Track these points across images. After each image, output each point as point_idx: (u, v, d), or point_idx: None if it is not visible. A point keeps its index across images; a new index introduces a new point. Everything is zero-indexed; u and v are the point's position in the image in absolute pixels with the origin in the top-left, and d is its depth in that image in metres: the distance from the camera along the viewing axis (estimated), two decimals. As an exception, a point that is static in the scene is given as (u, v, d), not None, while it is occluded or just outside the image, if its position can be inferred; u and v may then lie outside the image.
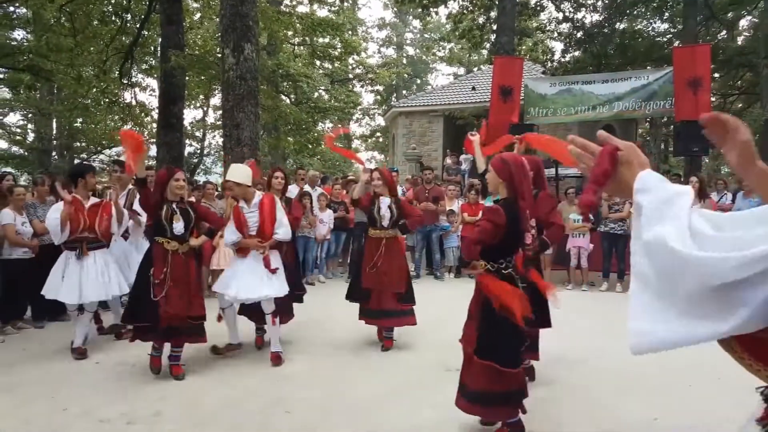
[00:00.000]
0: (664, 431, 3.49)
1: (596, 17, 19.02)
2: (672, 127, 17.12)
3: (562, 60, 19.46)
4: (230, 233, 4.72)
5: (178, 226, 4.39)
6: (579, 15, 19.00)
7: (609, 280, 8.68)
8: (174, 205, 4.44)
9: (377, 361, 4.88)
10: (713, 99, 15.54)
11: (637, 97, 12.34)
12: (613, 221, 8.54)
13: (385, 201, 5.22)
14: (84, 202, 5.10)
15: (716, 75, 17.42)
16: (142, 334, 4.33)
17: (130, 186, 5.82)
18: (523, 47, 22.74)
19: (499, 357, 3.12)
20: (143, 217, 5.44)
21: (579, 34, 18.54)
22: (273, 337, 4.85)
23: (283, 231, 4.78)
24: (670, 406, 3.88)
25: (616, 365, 4.80)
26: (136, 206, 5.40)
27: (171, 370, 4.39)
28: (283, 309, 4.95)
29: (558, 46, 21.38)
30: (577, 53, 18.97)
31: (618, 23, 19.06)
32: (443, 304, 6.76)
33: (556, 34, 20.41)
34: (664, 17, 19.68)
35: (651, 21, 20.39)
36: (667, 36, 19.40)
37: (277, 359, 4.76)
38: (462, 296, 7.25)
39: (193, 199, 6.67)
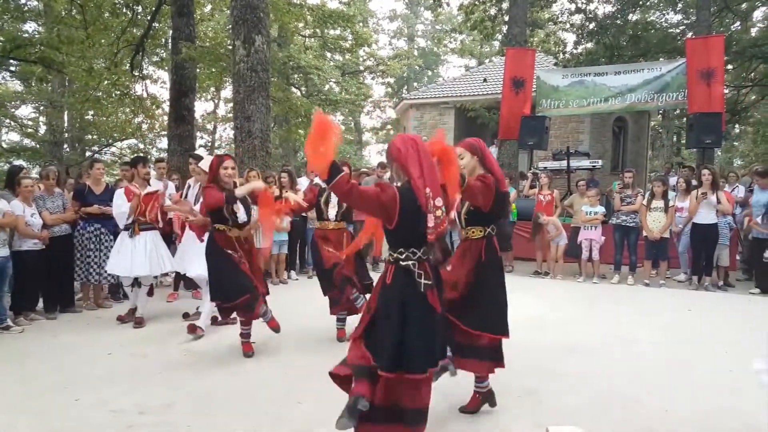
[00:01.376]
0: (676, 422, 3.47)
1: (609, 8, 18.79)
2: (685, 119, 16.94)
3: (575, 51, 19.27)
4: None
5: (241, 215, 4.63)
6: (591, 6, 18.78)
7: (620, 272, 8.64)
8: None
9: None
10: (726, 91, 15.32)
11: (649, 88, 12.21)
12: (625, 213, 8.48)
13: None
14: (140, 189, 5.85)
15: (729, 66, 17.14)
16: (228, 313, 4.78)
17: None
18: (535, 39, 22.53)
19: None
20: None
21: (591, 26, 18.34)
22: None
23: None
24: (682, 398, 3.86)
25: (628, 357, 4.79)
26: None
27: (243, 347, 4.74)
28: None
29: (570, 38, 21.17)
30: (589, 45, 18.78)
31: (631, 14, 18.84)
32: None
33: (568, 26, 20.19)
34: (677, 8, 19.41)
35: (664, 12, 20.12)
36: (680, 27, 19.15)
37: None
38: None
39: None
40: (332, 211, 5.03)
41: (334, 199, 5.00)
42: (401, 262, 2.71)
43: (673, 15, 20.06)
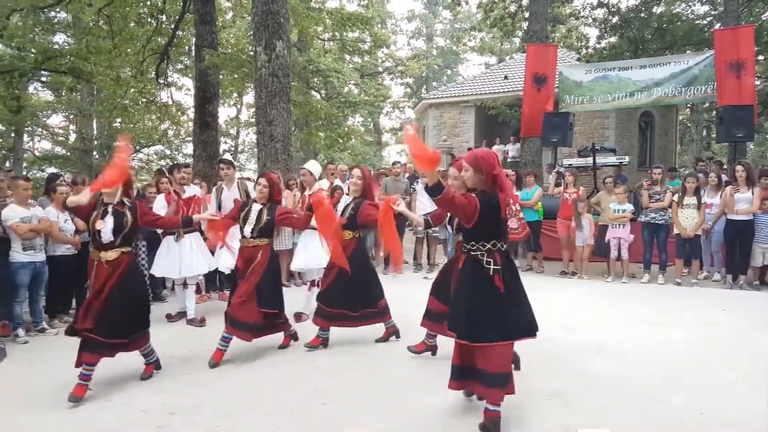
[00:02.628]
0: (711, 427, 3.38)
1: (632, 1, 18.52)
2: (714, 112, 16.59)
3: (598, 46, 19.03)
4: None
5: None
6: (614, 0, 18.52)
7: (650, 271, 8.47)
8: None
9: (408, 354, 4.82)
10: (757, 83, 14.92)
11: (676, 82, 11.96)
12: (655, 211, 8.32)
13: (344, 200, 5.16)
14: (180, 193, 6.27)
15: (760, 57, 16.72)
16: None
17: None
18: (557, 34, 22.28)
19: None
20: None
21: (614, 20, 18.05)
22: None
23: None
24: (717, 400, 3.76)
25: (660, 358, 4.70)
26: None
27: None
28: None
29: (593, 32, 20.90)
30: (612, 39, 18.50)
31: (655, 7, 18.51)
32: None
33: (590, 20, 19.94)
34: (704, -1, 19.05)
35: (690, 3, 19.74)
36: (708, 18, 18.74)
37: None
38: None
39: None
40: (248, 228, 4.73)
41: (253, 214, 4.75)
42: (472, 253, 3.34)
43: (699, 6, 19.66)
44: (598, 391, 3.95)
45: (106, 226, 3.96)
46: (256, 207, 4.82)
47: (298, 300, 6.27)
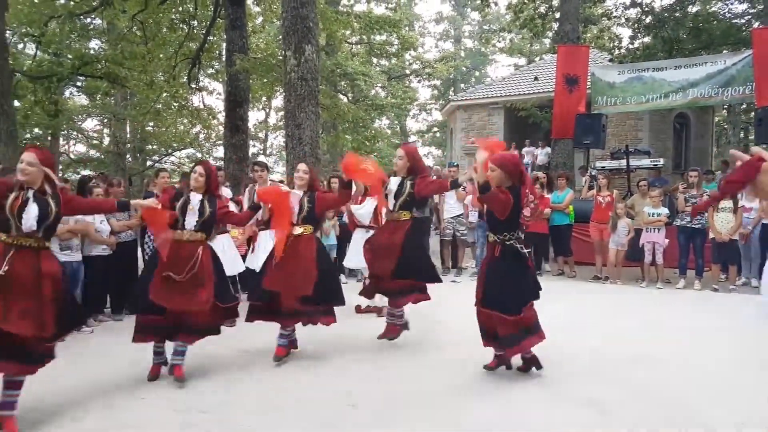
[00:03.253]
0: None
1: (666, 1, 18.11)
2: (752, 113, 16.10)
3: (631, 47, 18.65)
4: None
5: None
6: (648, 0, 18.15)
7: (686, 277, 8.25)
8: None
9: (440, 357, 4.83)
10: (799, 82, 14.45)
11: (713, 83, 11.64)
12: (690, 215, 8.10)
13: (295, 195, 4.78)
14: None
15: (802, 56, 16.17)
16: None
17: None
18: (588, 35, 21.95)
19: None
20: None
21: (648, 19, 17.68)
22: None
23: None
24: (756, 413, 3.62)
25: (696, 366, 4.56)
26: None
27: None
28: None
29: (626, 33, 20.50)
30: (646, 39, 18.12)
31: (690, 6, 18.08)
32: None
33: (623, 20, 19.56)
34: (742, -2, 18.51)
35: (727, 2, 19.21)
36: (746, 17, 18.20)
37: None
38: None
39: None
40: (190, 220, 4.23)
41: (194, 205, 4.26)
42: (507, 242, 4.09)
43: (737, 5, 19.11)
44: (634, 399, 3.85)
45: (29, 212, 3.34)
46: (195, 197, 4.32)
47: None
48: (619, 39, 20.15)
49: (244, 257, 6.73)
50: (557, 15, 17.04)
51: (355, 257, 6.40)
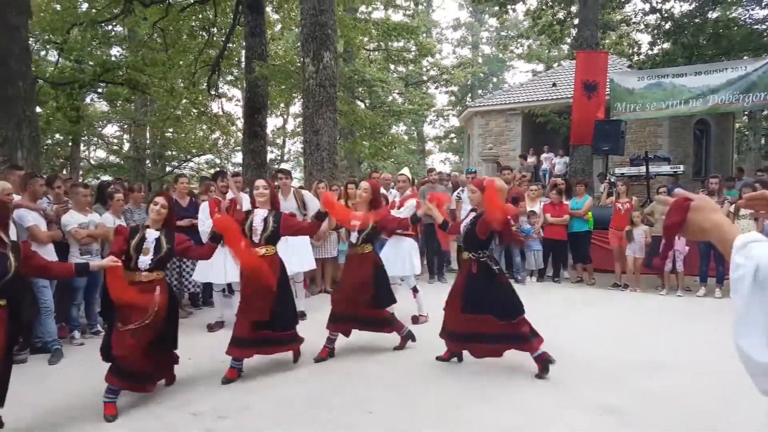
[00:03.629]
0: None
1: (686, 6, 17.89)
2: (775, 119, 15.88)
3: (650, 53, 18.47)
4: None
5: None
6: (667, 5, 17.95)
7: (707, 285, 8.12)
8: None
9: (457, 364, 4.81)
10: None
11: (734, 89, 11.51)
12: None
13: (260, 213, 4.59)
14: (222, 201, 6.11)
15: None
16: None
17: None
18: (607, 41, 21.80)
19: None
20: None
21: (668, 25, 17.50)
22: None
23: None
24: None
25: (718, 375, 4.46)
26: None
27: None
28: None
29: (645, 39, 20.36)
30: (666, 45, 17.94)
31: (710, 12, 17.86)
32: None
33: (642, 26, 19.39)
34: (763, 3, 18.23)
35: (748, 8, 18.94)
36: (767, 23, 17.95)
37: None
38: (545, 301, 7.08)
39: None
40: (144, 260, 3.86)
41: (149, 243, 3.90)
42: (481, 259, 4.50)
43: (758, 10, 18.84)
44: (654, 408, 3.80)
45: None
46: (152, 234, 3.95)
47: (409, 304, 6.33)
48: (638, 45, 19.97)
49: None
50: (576, 21, 16.96)
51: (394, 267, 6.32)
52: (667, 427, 3.49)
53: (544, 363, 4.38)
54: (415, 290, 6.33)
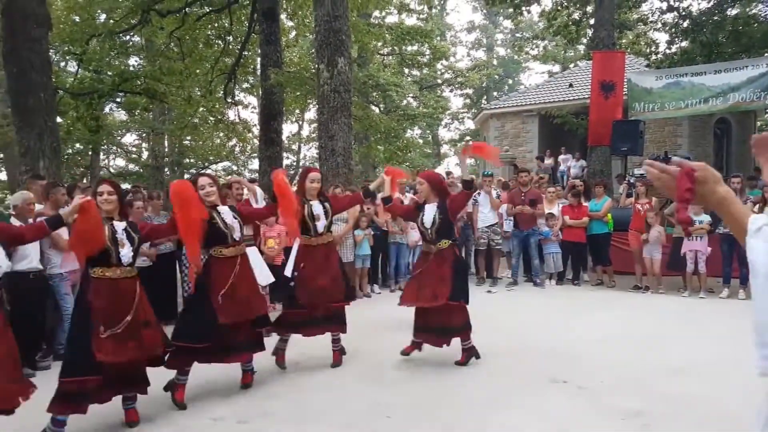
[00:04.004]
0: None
1: (704, 4, 17.66)
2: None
3: (668, 52, 18.25)
4: None
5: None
6: (685, 3, 17.73)
7: (730, 286, 7.97)
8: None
9: (476, 368, 4.77)
10: None
11: (755, 87, 11.34)
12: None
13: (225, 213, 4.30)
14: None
15: None
16: None
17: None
18: (624, 40, 21.59)
19: None
20: None
21: (686, 24, 17.27)
22: None
23: None
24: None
25: (743, 379, 4.35)
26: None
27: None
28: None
29: (662, 38, 20.10)
30: (684, 44, 17.72)
31: (729, 9, 17.60)
32: (542, 312, 6.52)
33: (659, 25, 19.17)
34: (784, -1, 17.93)
35: (768, 5, 18.63)
36: (789, 20, 17.63)
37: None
38: (563, 304, 7.00)
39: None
40: (126, 253, 3.63)
41: (121, 236, 3.62)
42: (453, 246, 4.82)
43: (779, 7, 18.52)
44: (677, 412, 3.73)
45: None
46: (119, 226, 3.68)
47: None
48: (655, 44, 19.74)
49: (281, 267, 6.79)
50: (592, 21, 16.83)
51: None
52: (693, 432, 3.43)
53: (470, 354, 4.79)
54: None
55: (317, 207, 4.74)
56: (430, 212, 4.79)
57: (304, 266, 4.67)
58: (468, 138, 36.94)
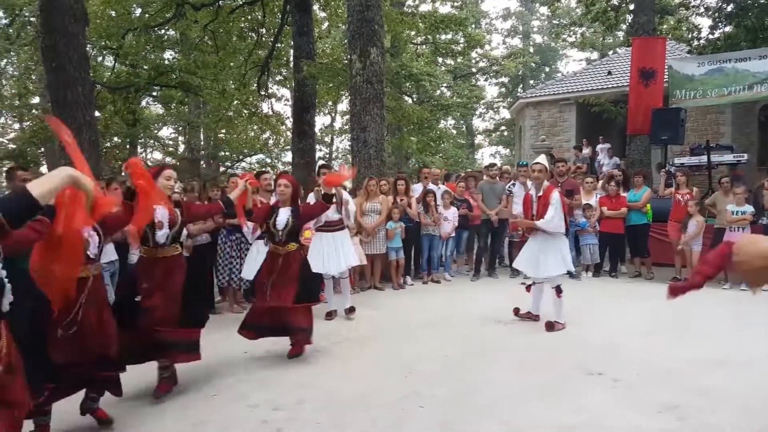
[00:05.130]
0: None
1: (749, -13, 16.96)
2: None
3: (711, 37, 17.61)
4: None
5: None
6: (729, -13, 17.05)
7: (775, 278, 7.69)
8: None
9: (510, 360, 4.74)
10: None
11: (801, 72, 10.87)
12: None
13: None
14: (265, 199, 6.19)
15: None
16: None
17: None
18: (665, 26, 20.93)
19: None
20: None
21: (729, 8, 16.62)
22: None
23: None
24: None
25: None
26: None
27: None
28: None
29: (705, 23, 19.38)
30: (728, 28, 17.07)
31: (776, -8, 16.87)
32: (578, 304, 6.42)
33: (702, 10, 18.51)
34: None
35: (819, -15, 17.77)
36: (839, 1, 16.78)
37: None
38: (599, 296, 6.87)
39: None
40: (94, 248, 3.34)
41: (92, 238, 3.32)
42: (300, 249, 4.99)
43: (831, -13, 17.65)
44: (717, 406, 3.63)
45: None
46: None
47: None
48: (698, 29, 19.07)
49: None
50: (631, 6, 16.35)
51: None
52: (728, 426, 3.34)
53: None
54: (558, 291, 5.79)
55: (160, 212, 3.98)
56: (284, 215, 4.82)
57: (142, 282, 3.95)
58: (503, 128, 36.48)
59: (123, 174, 20.56)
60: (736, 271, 1.15)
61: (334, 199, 5.38)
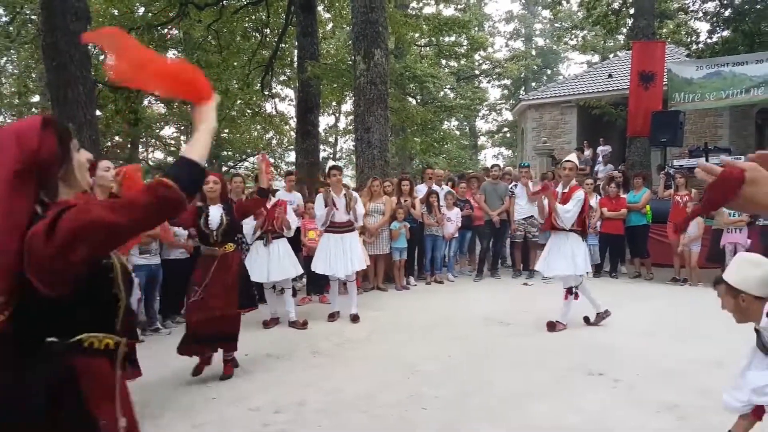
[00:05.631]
0: None
1: (746, -8, 17.04)
2: None
3: (709, 41, 17.72)
4: None
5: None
6: (727, -8, 17.14)
7: (773, 280, 7.77)
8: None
9: (512, 360, 4.80)
10: None
11: (798, 76, 10.98)
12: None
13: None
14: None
15: None
16: None
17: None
18: (664, 30, 21.03)
19: None
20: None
21: (727, 12, 16.71)
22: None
23: None
24: None
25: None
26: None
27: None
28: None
29: (703, 27, 19.52)
30: (725, 33, 17.17)
31: (773, -3, 16.95)
32: (579, 305, 6.49)
33: (700, 14, 18.61)
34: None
35: (814, -9, 17.84)
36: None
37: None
38: (600, 296, 6.94)
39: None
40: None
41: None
42: (237, 250, 4.71)
43: (827, -7, 17.73)
44: (714, 406, 3.69)
45: None
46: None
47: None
48: (696, 33, 19.19)
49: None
50: (631, 11, 16.46)
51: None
52: (728, 427, 3.41)
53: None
54: (569, 291, 5.80)
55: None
56: (216, 213, 4.47)
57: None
58: (505, 129, 36.54)
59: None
60: (741, 196, 1.14)
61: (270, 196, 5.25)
